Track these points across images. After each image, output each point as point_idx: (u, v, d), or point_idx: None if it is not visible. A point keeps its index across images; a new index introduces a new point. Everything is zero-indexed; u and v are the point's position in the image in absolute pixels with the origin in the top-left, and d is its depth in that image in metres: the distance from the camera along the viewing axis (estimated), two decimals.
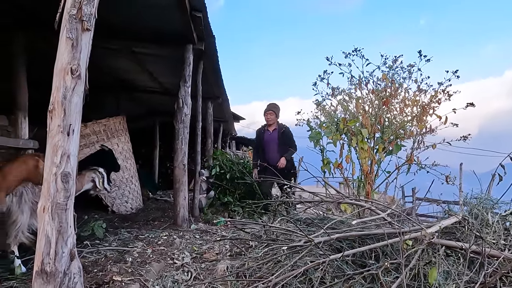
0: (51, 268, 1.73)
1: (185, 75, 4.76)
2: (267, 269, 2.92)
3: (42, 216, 1.75)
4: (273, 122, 5.89)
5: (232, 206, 6.02)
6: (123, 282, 2.66)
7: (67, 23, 1.82)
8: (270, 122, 5.89)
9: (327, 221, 3.49)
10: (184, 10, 3.93)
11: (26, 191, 3.03)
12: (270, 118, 5.86)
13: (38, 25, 4.54)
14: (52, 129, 1.79)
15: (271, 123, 5.89)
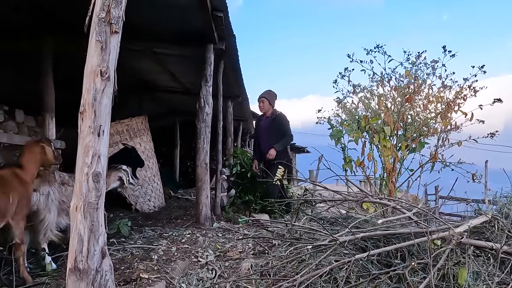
0: (83, 266, 1.77)
1: (206, 75, 4.79)
2: (291, 268, 2.92)
3: (75, 215, 1.80)
4: (266, 110, 5.69)
5: (253, 204, 6.03)
6: (150, 280, 2.70)
7: (96, 26, 1.86)
8: (262, 111, 5.73)
9: (351, 220, 3.47)
10: (205, 10, 3.96)
11: (53, 190, 3.12)
12: (262, 106, 5.68)
13: (64, 29, 4.65)
14: (83, 130, 1.83)
15: (263, 111, 5.72)
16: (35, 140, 3.03)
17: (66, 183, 3.16)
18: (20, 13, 4.22)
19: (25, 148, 2.89)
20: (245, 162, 6.34)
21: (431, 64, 5.42)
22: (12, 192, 2.58)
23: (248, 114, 9.86)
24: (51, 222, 3.02)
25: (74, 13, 4.32)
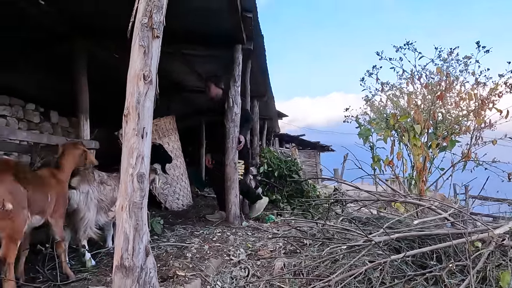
0: (129, 263, 1.84)
1: (235, 75, 4.84)
2: (324, 268, 2.92)
3: (121, 215, 1.87)
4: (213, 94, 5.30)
5: (280, 203, 6.06)
6: (186, 277, 2.76)
7: (139, 31, 1.92)
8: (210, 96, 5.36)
9: (383, 220, 3.44)
10: (235, 12, 3.99)
11: (92, 189, 3.22)
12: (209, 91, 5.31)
13: (95, 32, 4.81)
14: (128, 133, 1.90)
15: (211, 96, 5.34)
16: (74, 143, 3.13)
17: (104, 183, 3.27)
18: (52, 17, 4.37)
19: (65, 149, 2.98)
20: (272, 161, 6.38)
21: (463, 60, 5.30)
22: (51, 191, 2.69)
23: (273, 113, 9.88)
24: (90, 220, 3.12)
25: (106, 17, 4.48)
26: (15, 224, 2.16)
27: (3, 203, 2.07)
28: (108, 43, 5.23)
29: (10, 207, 2.11)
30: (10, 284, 2.12)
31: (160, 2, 1.95)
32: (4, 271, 2.11)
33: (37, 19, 4.28)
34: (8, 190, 2.14)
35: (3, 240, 2.12)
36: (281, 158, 6.58)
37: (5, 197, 2.10)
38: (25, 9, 4.03)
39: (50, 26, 4.53)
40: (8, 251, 2.12)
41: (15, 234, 2.17)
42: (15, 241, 2.18)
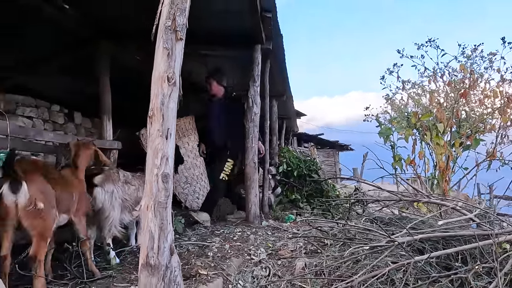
0: (155, 262, 1.87)
1: (254, 75, 4.85)
2: (346, 268, 2.90)
3: (146, 214, 1.91)
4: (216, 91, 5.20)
5: (299, 203, 6.04)
6: (208, 276, 2.80)
7: (163, 34, 1.95)
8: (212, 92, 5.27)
9: (406, 220, 3.39)
10: (254, 12, 4.01)
11: (116, 189, 3.29)
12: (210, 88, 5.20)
13: (118, 36, 4.90)
14: (152, 133, 1.93)
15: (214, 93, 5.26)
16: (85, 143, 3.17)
17: (129, 182, 3.33)
18: (77, 20, 4.48)
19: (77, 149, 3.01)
20: (291, 160, 6.37)
21: (488, 57, 5.17)
22: (74, 190, 2.77)
23: (292, 113, 9.85)
24: (115, 219, 3.18)
25: (128, 20, 4.57)
26: (45, 223, 2.23)
27: (35, 202, 2.14)
28: (130, 45, 5.33)
29: (42, 206, 2.17)
30: (40, 281, 2.19)
31: (183, 5, 1.98)
32: (34, 268, 2.18)
33: (62, 23, 4.39)
34: (39, 189, 2.21)
35: (34, 238, 2.19)
36: (300, 158, 6.57)
37: (36, 197, 2.16)
38: (50, 14, 4.14)
39: (74, 29, 4.65)
40: (38, 249, 2.18)
41: (45, 232, 2.24)
42: (46, 239, 2.25)
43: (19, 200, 2.10)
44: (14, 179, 2.09)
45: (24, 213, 2.12)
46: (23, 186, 2.10)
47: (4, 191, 2.08)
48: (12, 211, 2.09)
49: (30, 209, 2.12)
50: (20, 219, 2.12)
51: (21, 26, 4.43)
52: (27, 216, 2.13)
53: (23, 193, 2.10)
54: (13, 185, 2.08)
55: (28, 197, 2.11)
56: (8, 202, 2.09)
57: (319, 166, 6.45)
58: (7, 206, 2.09)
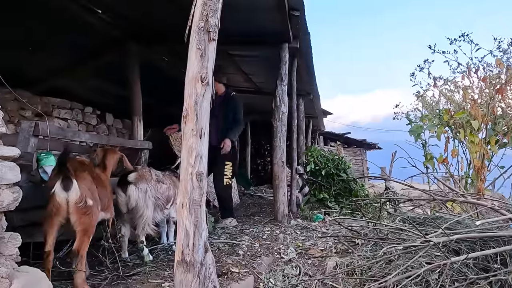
0: (190, 259, 1.91)
1: (281, 74, 4.85)
2: (378, 269, 2.86)
3: (181, 212, 1.95)
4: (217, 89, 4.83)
5: (328, 202, 6.00)
6: (240, 274, 2.82)
7: (197, 35, 1.98)
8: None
9: (440, 220, 3.30)
10: (282, 11, 4.01)
11: (149, 188, 3.36)
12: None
13: (148, 38, 5.02)
14: (187, 133, 1.97)
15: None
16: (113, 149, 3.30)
17: (161, 181, 3.40)
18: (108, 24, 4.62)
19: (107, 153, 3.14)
20: (319, 159, 6.32)
21: None
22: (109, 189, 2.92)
23: (318, 112, 9.78)
24: (148, 217, 3.25)
25: (157, 22, 4.67)
26: (91, 220, 2.34)
27: (85, 199, 2.25)
28: (159, 47, 5.45)
29: (91, 203, 2.29)
30: (81, 275, 2.29)
31: (216, 6, 2.01)
32: (76, 263, 2.28)
33: (94, 27, 4.54)
34: (88, 187, 2.34)
35: (78, 234, 2.29)
36: (328, 157, 6.51)
37: (86, 194, 2.28)
38: (83, 18, 4.29)
39: (105, 32, 4.80)
40: (82, 244, 2.28)
41: (90, 229, 2.34)
42: (89, 235, 2.36)
43: (70, 197, 2.22)
44: (65, 177, 2.20)
45: (75, 209, 2.23)
46: (74, 184, 2.22)
47: (56, 189, 2.20)
48: (63, 207, 2.21)
49: (80, 206, 2.23)
50: (69, 215, 2.24)
51: (57, 31, 4.60)
52: (77, 212, 2.24)
53: (74, 190, 2.21)
54: (65, 183, 2.20)
55: (79, 195, 2.23)
56: (60, 199, 2.21)
57: (347, 165, 6.37)
58: (58, 203, 2.21)
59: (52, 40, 4.82)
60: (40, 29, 4.48)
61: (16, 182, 1.64)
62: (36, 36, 4.62)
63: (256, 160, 11.73)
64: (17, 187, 1.66)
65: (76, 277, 2.27)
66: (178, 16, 2.75)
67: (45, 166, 2.74)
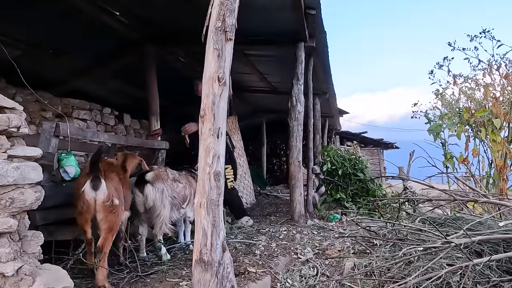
0: (208, 258, 1.92)
1: (297, 73, 4.83)
2: (398, 270, 2.81)
3: (199, 211, 1.95)
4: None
5: (345, 202, 5.94)
6: (257, 274, 2.82)
7: (214, 35, 1.99)
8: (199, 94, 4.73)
9: (462, 221, 3.23)
10: (298, 9, 3.99)
11: (166, 187, 3.39)
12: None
13: (164, 39, 5.07)
14: (204, 133, 1.98)
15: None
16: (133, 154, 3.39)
17: (177, 180, 3.43)
18: (125, 26, 4.69)
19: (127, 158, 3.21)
20: (335, 159, 6.27)
21: None
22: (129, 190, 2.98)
23: (335, 111, 9.71)
24: (165, 216, 3.28)
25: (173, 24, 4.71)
26: (116, 218, 2.44)
27: (112, 199, 2.36)
28: (175, 48, 5.50)
29: (117, 202, 2.40)
30: (103, 271, 2.36)
31: (232, 5, 2.01)
32: (99, 259, 2.37)
33: (113, 29, 4.61)
34: (115, 187, 2.44)
35: (103, 232, 2.39)
36: (345, 156, 6.45)
37: (113, 194, 2.39)
38: (101, 20, 4.36)
39: (123, 34, 4.86)
40: (106, 241, 2.38)
41: (114, 227, 2.45)
42: (113, 233, 2.46)
43: (98, 196, 2.34)
44: (95, 177, 2.32)
45: (101, 207, 2.35)
46: (103, 184, 2.34)
47: (86, 188, 2.32)
48: (92, 205, 2.33)
49: (107, 205, 2.35)
50: (96, 213, 2.36)
51: (77, 33, 4.69)
52: (103, 211, 2.36)
53: (102, 190, 2.33)
54: (94, 183, 2.32)
55: (106, 194, 2.35)
56: (89, 197, 2.33)
57: (364, 165, 6.30)
58: (87, 201, 2.33)
59: (73, 43, 4.92)
60: (60, 31, 4.57)
61: (38, 181, 1.68)
62: (56, 38, 4.72)
63: (271, 159, 11.72)
64: (39, 187, 1.70)
65: (98, 273, 2.35)
66: (194, 17, 2.76)
67: (66, 166, 2.80)
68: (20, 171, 1.58)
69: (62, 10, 4.08)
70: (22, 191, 1.59)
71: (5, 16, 3.92)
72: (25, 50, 4.63)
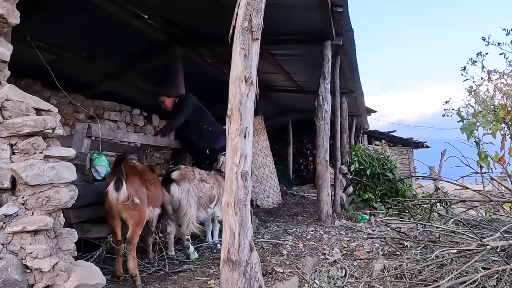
0: (235, 257, 1.93)
1: (324, 72, 4.77)
2: (429, 273, 2.73)
3: (227, 211, 1.97)
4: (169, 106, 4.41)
5: (373, 203, 5.83)
6: (284, 274, 2.80)
7: (240, 35, 1.99)
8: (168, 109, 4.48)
9: (498, 223, 3.10)
10: (325, 8, 3.94)
11: (192, 187, 3.42)
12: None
13: (190, 40, 5.14)
14: (231, 133, 1.99)
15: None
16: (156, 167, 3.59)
17: (204, 180, 3.46)
18: (153, 28, 4.78)
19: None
20: (363, 159, 6.16)
21: None
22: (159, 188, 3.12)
23: (362, 109, 9.55)
24: (192, 216, 3.32)
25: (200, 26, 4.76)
26: (140, 214, 2.63)
27: (132, 198, 2.55)
28: (201, 49, 5.56)
29: (138, 201, 2.58)
30: (133, 260, 2.52)
31: (259, 5, 2.01)
32: (129, 249, 2.55)
33: (142, 32, 4.72)
34: (134, 189, 2.62)
35: (131, 226, 2.59)
36: (373, 156, 6.32)
37: (133, 194, 2.57)
38: (131, 24, 4.47)
39: (152, 37, 4.97)
40: (133, 234, 2.59)
41: (140, 221, 2.64)
42: (139, 227, 2.65)
43: (119, 197, 2.52)
44: (118, 179, 2.51)
45: (123, 206, 2.54)
46: (124, 186, 2.52)
47: (109, 188, 2.52)
48: (114, 204, 2.54)
49: (127, 204, 2.54)
50: (120, 212, 2.56)
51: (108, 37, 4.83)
52: (125, 209, 2.56)
53: (122, 191, 2.52)
54: (117, 184, 2.51)
55: (126, 195, 2.53)
56: (112, 197, 2.53)
57: (394, 164, 6.15)
58: (110, 201, 2.54)
59: (104, 47, 5.07)
60: (92, 36, 4.73)
61: (72, 181, 1.74)
62: (88, 43, 4.88)
63: (298, 159, 11.65)
64: (73, 186, 1.75)
65: (129, 262, 2.52)
66: (221, 18, 2.78)
67: (97, 166, 2.90)
68: (55, 171, 1.64)
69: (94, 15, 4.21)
70: (57, 190, 1.65)
71: (42, 23, 4.08)
72: (59, 54, 4.81)
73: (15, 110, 1.57)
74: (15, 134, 1.57)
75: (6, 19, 1.58)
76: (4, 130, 1.56)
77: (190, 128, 4.29)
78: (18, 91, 1.63)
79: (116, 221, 2.61)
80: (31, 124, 1.56)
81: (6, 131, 1.56)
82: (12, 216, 1.56)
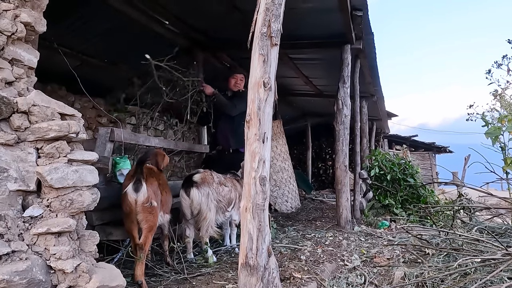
0: (253, 262, 1.93)
1: (343, 76, 4.74)
2: (452, 282, 2.66)
3: (245, 215, 1.97)
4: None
5: (394, 209, 5.73)
6: (302, 279, 2.78)
7: (259, 40, 2.00)
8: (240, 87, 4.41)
9: None
10: (344, 11, 3.92)
11: (211, 191, 3.44)
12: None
13: (212, 45, 5.20)
14: (250, 138, 2.00)
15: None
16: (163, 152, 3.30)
17: (223, 184, 3.48)
18: (177, 36, 4.86)
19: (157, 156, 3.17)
20: (384, 164, 6.06)
21: None
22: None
23: (383, 113, 9.42)
24: (211, 220, 3.34)
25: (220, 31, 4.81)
26: (155, 219, 2.61)
27: (151, 201, 2.53)
28: (221, 54, 5.61)
29: (155, 204, 2.57)
30: (141, 267, 2.49)
31: (278, 11, 2.02)
32: (140, 255, 2.51)
33: (164, 37, 4.80)
34: (153, 191, 2.61)
35: (144, 230, 2.55)
36: (394, 161, 6.21)
37: (152, 196, 2.56)
38: (154, 29, 4.55)
39: (174, 42, 5.04)
40: (146, 239, 2.55)
41: (153, 226, 2.61)
42: (152, 232, 2.62)
43: (138, 198, 2.51)
44: (137, 180, 2.49)
45: (141, 208, 2.51)
46: (143, 187, 2.50)
47: (128, 190, 2.51)
48: (133, 206, 2.51)
49: (146, 206, 2.52)
50: (137, 213, 2.52)
51: (132, 43, 4.94)
52: (143, 211, 2.52)
53: (142, 193, 2.50)
54: (136, 186, 2.50)
55: (146, 197, 2.51)
56: (131, 199, 2.51)
57: (415, 170, 6.03)
58: (129, 202, 2.51)
59: (127, 52, 5.18)
60: (116, 42, 4.84)
61: (94, 184, 1.78)
62: (112, 48, 4.99)
63: (317, 163, 11.58)
64: (96, 189, 1.80)
65: (137, 269, 2.49)
66: (240, 23, 2.81)
67: (123, 169, 2.96)
68: (78, 174, 1.68)
69: (118, 21, 4.31)
70: (80, 193, 1.69)
71: (68, 30, 4.21)
72: (84, 60, 4.94)
73: (41, 115, 1.62)
74: (40, 139, 1.62)
75: (33, 27, 1.64)
76: (30, 134, 1.61)
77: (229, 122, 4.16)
78: (44, 96, 1.69)
79: (134, 224, 2.55)
80: (56, 129, 1.60)
81: (32, 136, 1.62)
82: (37, 218, 1.61)
